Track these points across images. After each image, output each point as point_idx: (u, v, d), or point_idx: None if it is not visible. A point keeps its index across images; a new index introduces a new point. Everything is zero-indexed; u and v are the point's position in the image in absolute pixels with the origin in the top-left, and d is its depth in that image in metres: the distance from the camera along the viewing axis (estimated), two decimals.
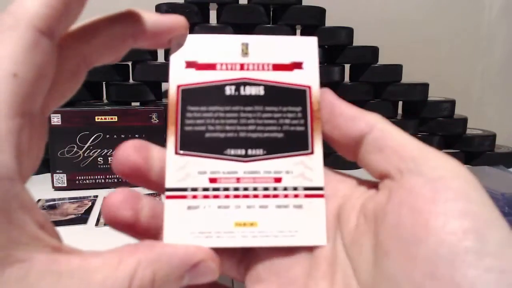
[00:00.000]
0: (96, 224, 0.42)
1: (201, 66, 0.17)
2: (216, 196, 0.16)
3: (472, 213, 0.13)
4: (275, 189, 0.16)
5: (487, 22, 0.83)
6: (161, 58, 0.64)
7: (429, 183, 0.14)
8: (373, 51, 0.64)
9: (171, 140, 0.16)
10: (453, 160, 0.14)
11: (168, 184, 0.16)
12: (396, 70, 0.65)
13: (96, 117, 0.51)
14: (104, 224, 0.42)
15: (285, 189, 0.16)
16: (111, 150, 0.53)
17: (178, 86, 0.17)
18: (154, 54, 0.62)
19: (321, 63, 0.62)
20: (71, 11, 0.14)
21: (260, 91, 0.17)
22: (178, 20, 0.17)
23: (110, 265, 0.13)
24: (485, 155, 0.68)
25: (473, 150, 0.68)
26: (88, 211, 0.45)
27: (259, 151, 0.16)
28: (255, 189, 0.16)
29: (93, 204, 0.47)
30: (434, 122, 0.67)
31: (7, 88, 0.12)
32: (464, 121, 0.68)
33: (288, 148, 0.16)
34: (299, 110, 0.17)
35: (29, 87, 0.12)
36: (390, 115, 0.66)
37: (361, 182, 0.17)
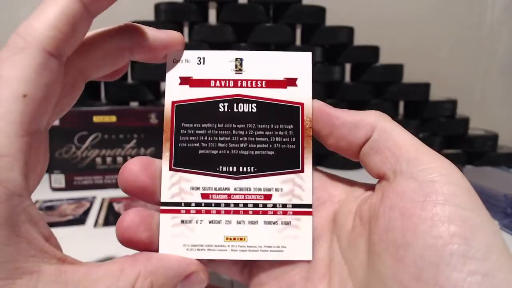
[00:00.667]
0: (95, 225, 0.41)
1: (196, 82, 0.17)
2: (208, 212, 0.17)
3: (460, 217, 0.13)
4: (264, 205, 0.17)
5: (489, 21, 0.83)
6: None
7: (420, 187, 0.14)
8: (374, 51, 0.64)
9: (166, 156, 0.17)
10: (448, 163, 0.15)
11: (163, 199, 0.17)
12: (397, 69, 0.65)
13: (94, 117, 0.51)
14: (103, 225, 0.41)
15: (274, 206, 0.17)
16: (110, 151, 0.52)
17: (173, 103, 0.17)
18: None
19: (321, 62, 0.62)
20: (78, 32, 0.14)
21: (253, 108, 0.17)
22: (174, 36, 0.18)
23: (113, 275, 0.14)
24: (487, 155, 0.68)
25: (475, 150, 0.68)
26: (87, 212, 0.45)
27: (250, 169, 0.17)
28: (245, 205, 0.17)
29: (91, 205, 0.47)
30: (435, 122, 0.67)
31: (16, 109, 0.13)
32: (466, 121, 0.68)
33: (279, 166, 0.17)
34: (290, 128, 0.17)
35: (37, 106, 0.13)
36: (391, 115, 0.66)
37: (356, 184, 0.18)
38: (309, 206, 0.17)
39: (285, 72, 0.17)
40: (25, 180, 0.13)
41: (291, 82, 0.17)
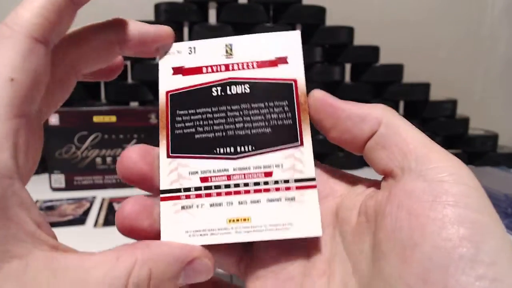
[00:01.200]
0: (95, 225, 0.41)
1: (188, 71, 0.17)
2: (208, 195, 0.16)
3: (470, 219, 0.13)
4: (265, 183, 0.16)
5: (489, 22, 0.83)
6: None
7: (429, 187, 0.14)
8: (374, 51, 0.64)
9: (163, 144, 0.17)
10: (457, 161, 0.14)
11: (162, 187, 0.16)
12: (397, 69, 0.65)
13: (94, 117, 0.51)
14: (103, 225, 0.41)
15: (276, 182, 0.16)
16: (110, 151, 0.52)
17: (167, 92, 0.18)
18: None
19: (321, 62, 0.62)
20: (63, 21, 0.15)
21: (246, 89, 0.17)
22: (163, 30, 0.18)
23: (108, 262, 0.13)
24: (487, 155, 0.68)
25: (475, 150, 0.68)
26: (87, 212, 0.45)
27: (248, 148, 0.16)
28: (246, 185, 0.16)
29: (91, 204, 0.47)
30: (435, 122, 0.67)
31: (4, 92, 0.13)
32: (466, 121, 0.68)
33: (277, 142, 0.16)
34: (285, 104, 0.17)
35: (25, 90, 0.13)
36: None
37: (359, 179, 0.18)
38: (313, 179, 0.16)
39: (275, 51, 0.17)
40: (15, 163, 0.12)
41: (282, 60, 0.17)
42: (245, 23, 0.59)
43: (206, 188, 0.16)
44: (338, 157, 0.61)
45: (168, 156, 0.17)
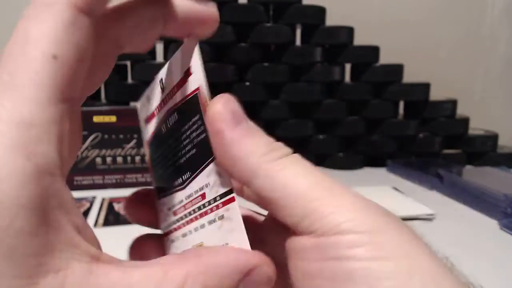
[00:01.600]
0: (95, 225, 0.41)
1: (149, 118, 0.19)
2: (179, 227, 0.17)
3: (361, 272, 0.11)
4: (204, 206, 0.16)
5: (489, 22, 0.83)
6: (159, 58, 0.64)
7: (318, 243, 0.12)
8: (374, 51, 0.64)
9: (154, 189, 0.19)
10: (352, 201, 0.13)
11: (161, 230, 0.18)
12: (397, 69, 0.65)
13: (94, 117, 0.51)
14: (103, 225, 0.41)
15: (209, 203, 0.15)
16: (110, 151, 0.52)
17: (146, 142, 0.19)
18: (152, 54, 0.61)
19: (321, 62, 0.62)
20: None
21: (175, 117, 0.17)
22: (211, 12, 0.16)
23: (155, 279, 0.12)
24: (487, 155, 0.68)
25: (475, 150, 0.68)
26: (87, 212, 0.45)
27: (188, 174, 0.16)
28: (194, 211, 0.16)
29: (91, 205, 0.47)
30: (435, 122, 0.67)
31: (47, 72, 0.11)
32: (466, 121, 0.68)
33: (203, 161, 0.15)
34: (197, 118, 0.15)
35: (69, 70, 0.11)
36: (391, 115, 0.66)
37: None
38: (230, 192, 0.15)
39: (182, 67, 0.16)
40: (59, 157, 0.11)
41: (189, 73, 0.16)
42: (245, 23, 0.59)
43: (177, 220, 0.17)
44: (338, 158, 0.61)
45: (157, 199, 0.18)
